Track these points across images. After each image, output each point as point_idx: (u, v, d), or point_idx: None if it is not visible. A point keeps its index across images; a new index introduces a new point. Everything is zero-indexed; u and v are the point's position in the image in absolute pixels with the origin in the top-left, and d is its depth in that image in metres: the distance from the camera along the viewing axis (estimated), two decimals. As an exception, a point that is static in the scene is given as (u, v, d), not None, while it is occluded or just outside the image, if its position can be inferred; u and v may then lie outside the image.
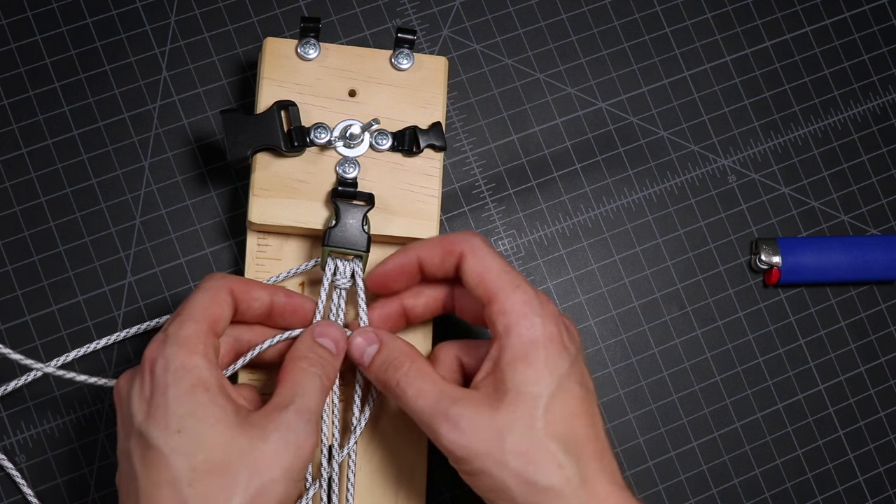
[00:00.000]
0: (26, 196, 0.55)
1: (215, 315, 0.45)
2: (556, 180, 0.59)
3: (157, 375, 0.43)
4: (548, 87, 0.60)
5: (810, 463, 0.58)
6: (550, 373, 0.44)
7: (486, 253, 0.47)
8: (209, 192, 0.57)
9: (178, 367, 0.43)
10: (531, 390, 0.44)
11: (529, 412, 0.43)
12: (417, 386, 0.45)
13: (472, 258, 0.47)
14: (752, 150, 0.61)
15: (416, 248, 0.48)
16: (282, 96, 0.52)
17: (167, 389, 0.42)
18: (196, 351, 0.43)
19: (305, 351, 0.46)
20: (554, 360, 0.44)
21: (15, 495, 0.53)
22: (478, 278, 0.46)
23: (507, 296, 0.45)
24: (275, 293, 0.48)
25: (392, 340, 0.48)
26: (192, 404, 0.42)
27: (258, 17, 0.58)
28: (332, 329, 0.48)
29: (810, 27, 0.62)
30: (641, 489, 0.57)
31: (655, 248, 0.59)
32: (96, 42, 0.57)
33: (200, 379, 0.43)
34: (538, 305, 0.45)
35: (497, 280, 0.46)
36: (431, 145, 0.52)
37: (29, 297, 0.55)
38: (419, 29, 0.59)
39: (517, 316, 0.45)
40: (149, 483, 0.42)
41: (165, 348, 0.43)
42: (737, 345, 0.59)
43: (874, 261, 0.59)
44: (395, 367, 0.46)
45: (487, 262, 0.46)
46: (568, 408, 0.44)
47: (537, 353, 0.44)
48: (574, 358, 0.45)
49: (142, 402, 0.43)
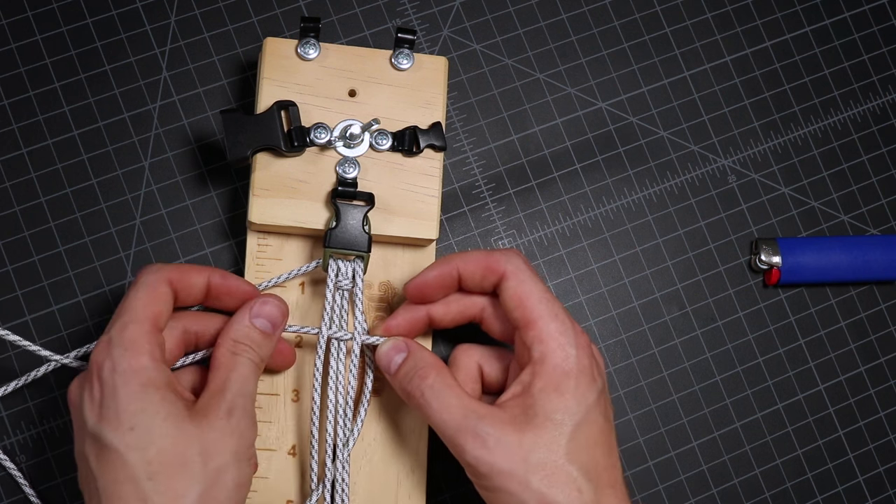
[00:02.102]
0: (26, 196, 0.55)
1: (156, 312, 0.46)
2: (556, 180, 0.59)
3: (105, 379, 0.44)
4: (548, 87, 0.60)
5: (810, 463, 0.58)
6: (578, 403, 0.45)
7: (528, 276, 0.48)
8: (209, 192, 0.57)
9: (125, 369, 0.44)
10: (559, 418, 0.45)
11: (556, 438, 0.45)
12: (442, 399, 0.46)
13: (513, 280, 0.48)
14: (752, 150, 0.61)
15: (457, 261, 0.49)
16: (282, 96, 0.52)
17: (116, 391, 0.43)
18: (142, 352, 0.44)
19: (237, 334, 0.47)
20: (583, 391, 0.46)
21: (15, 495, 0.53)
22: (517, 301, 0.47)
23: (546, 324, 0.46)
24: (211, 275, 0.49)
25: (419, 351, 0.48)
26: (142, 402, 0.43)
27: (258, 17, 0.58)
28: (268, 307, 0.48)
29: (810, 27, 0.62)
30: (641, 489, 0.57)
31: (655, 248, 0.59)
32: (96, 42, 0.57)
33: (150, 379, 0.44)
34: (573, 337, 0.46)
35: (537, 306, 0.47)
36: (431, 145, 0.52)
37: (29, 297, 0.55)
38: (419, 29, 0.59)
39: (554, 345, 0.46)
40: (108, 481, 0.42)
41: (112, 351, 0.44)
42: (737, 345, 0.59)
43: (874, 261, 0.59)
44: (421, 377, 0.47)
45: (529, 285, 0.47)
46: (591, 437, 0.46)
47: (569, 384, 0.46)
48: (601, 390, 0.47)
49: (93, 406, 0.44)
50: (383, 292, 0.53)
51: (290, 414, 0.52)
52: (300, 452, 0.52)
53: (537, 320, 0.46)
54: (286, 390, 0.52)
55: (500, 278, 0.48)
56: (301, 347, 0.52)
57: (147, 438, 0.42)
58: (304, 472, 0.52)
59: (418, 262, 0.54)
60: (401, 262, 0.54)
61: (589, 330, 0.58)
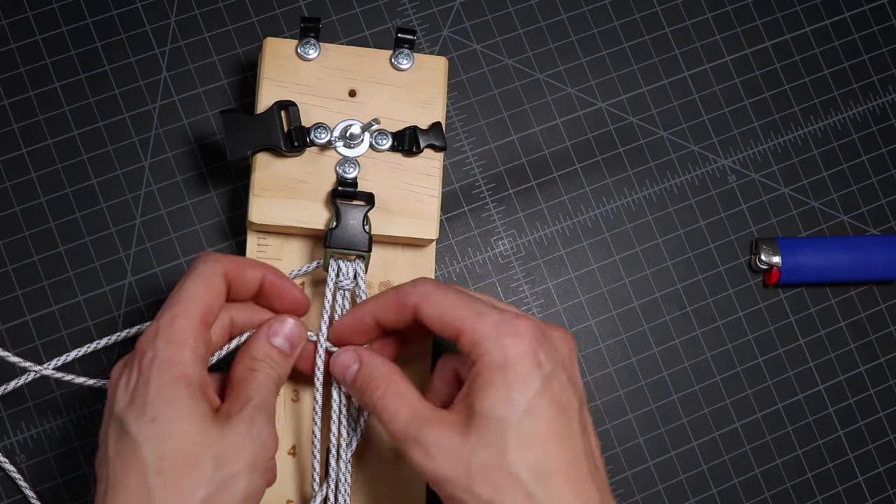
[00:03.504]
0: (26, 196, 0.55)
1: (207, 305, 0.45)
2: (556, 180, 0.59)
3: (144, 367, 0.44)
4: (548, 87, 0.60)
5: (810, 463, 0.59)
6: (519, 394, 0.42)
7: (439, 294, 0.45)
8: (209, 192, 0.57)
9: (164, 360, 0.43)
10: (498, 414, 0.42)
11: (497, 438, 0.42)
12: (392, 408, 0.45)
13: (427, 306, 0.45)
14: (752, 150, 0.61)
15: (370, 306, 0.48)
16: (282, 96, 0.52)
17: (150, 381, 0.43)
18: (185, 347, 0.44)
19: (257, 352, 0.47)
20: (522, 380, 0.42)
21: (15, 495, 0.53)
22: (439, 321, 0.45)
23: (472, 325, 0.44)
24: (266, 272, 0.48)
25: (371, 360, 0.47)
26: (171, 395, 0.43)
27: (258, 17, 0.58)
28: (286, 326, 0.48)
29: (810, 27, 0.62)
30: (641, 489, 0.57)
31: (655, 248, 0.59)
32: (96, 42, 0.57)
33: (184, 374, 0.44)
34: (506, 326, 0.43)
35: (457, 314, 0.44)
36: (431, 145, 0.52)
37: (29, 297, 0.55)
38: (419, 29, 0.59)
39: (486, 343, 0.43)
40: (118, 468, 0.42)
41: (156, 342, 0.44)
42: (737, 345, 0.59)
43: (874, 261, 0.59)
44: (373, 388, 0.46)
45: (442, 301, 0.45)
46: (538, 431, 0.42)
47: (504, 375, 0.42)
48: (548, 375, 0.43)
49: (126, 391, 0.44)
50: (383, 292, 0.53)
51: (290, 414, 0.52)
52: (300, 452, 0.52)
53: (461, 326, 0.44)
54: (286, 390, 0.52)
55: (413, 311, 0.46)
56: (301, 347, 0.52)
57: (166, 432, 0.42)
58: (304, 472, 0.52)
59: (418, 262, 0.54)
60: (401, 262, 0.54)
61: (589, 330, 0.58)
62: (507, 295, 0.58)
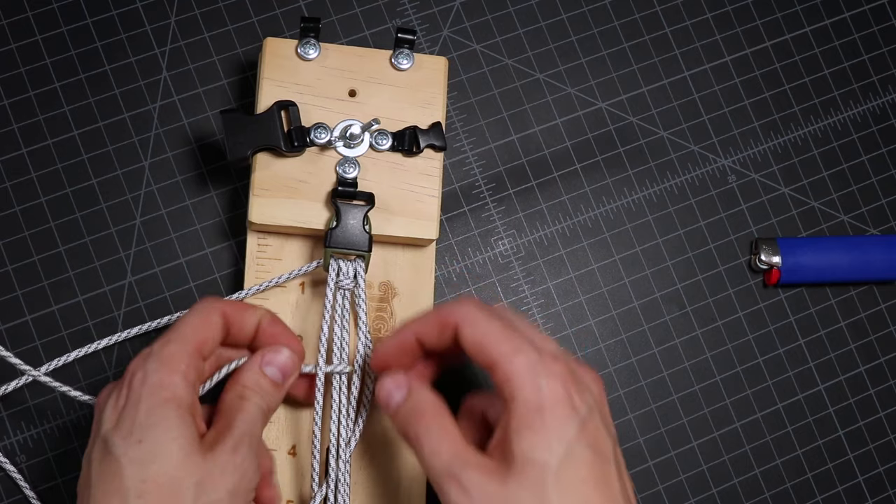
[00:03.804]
0: (26, 196, 0.55)
1: (204, 336, 0.45)
2: (556, 180, 0.59)
3: (134, 388, 0.43)
4: (548, 87, 0.60)
5: (810, 463, 0.59)
6: (558, 439, 0.42)
7: (482, 319, 0.45)
8: (209, 192, 0.57)
9: (155, 382, 0.43)
10: (538, 458, 0.41)
11: (538, 483, 0.41)
12: (435, 443, 0.44)
13: (467, 328, 0.45)
14: (752, 150, 0.61)
15: (413, 326, 0.47)
16: (282, 96, 0.52)
17: (140, 402, 0.43)
18: (177, 370, 0.44)
19: (248, 381, 0.46)
20: (560, 425, 0.42)
21: (15, 495, 0.53)
22: (477, 347, 0.44)
23: (509, 361, 0.43)
24: (263, 317, 0.48)
25: (419, 390, 0.46)
26: (159, 417, 0.43)
27: (258, 17, 0.58)
28: (280, 357, 0.47)
29: (810, 27, 0.62)
30: (641, 489, 0.57)
31: (655, 248, 0.59)
32: (96, 42, 0.57)
33: (174, 396, 0.43)
34: (542, 367, 0.43)
35: (497, 346, 0.44)
36: (431, 145, 0.52)
37: (29, 297, 0.55)
38: (419, 29, 0.59)
39: (520, 381, 0.42)
40: (99, 491, 0.42)
41: (147, 363, 0.44)
42: (737, 345, 0.59)
43: (874, 261, 0.59)
44: (417, 418, 0.45)
45: (483, 328, 0.44)
46: (578, 475, 0.42)
47: (543, 420, 0.42)
48: (584, 418, 0.43)
49: (114, 412, 0.44)
50: (383, 292, 0.53)
51: (290, 414, 0.52)
52: (300, 452, 0.52)
53: (499, 359, 0.43)
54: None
55: (455, 330, 0.45)
56: (301, 347, 0.52)
57: (151, 454, 0.42)
58: (304, 472, 0.52)
59: (418, 262, 0.54)
60: (401, 262, 0.54)
61: (589, 330, 0.58)
62: (507, 295, 0.58)
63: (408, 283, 0.54)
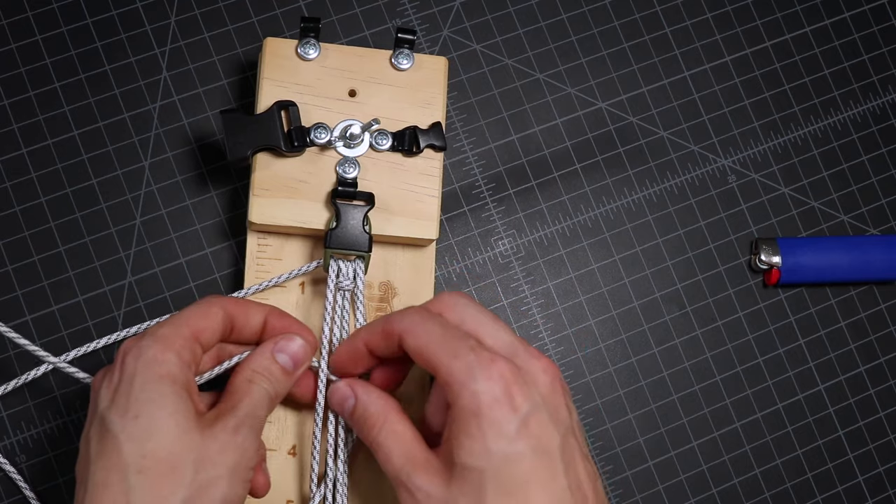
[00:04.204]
0: (26, 196, 0.55)
1: (201, 325, 0.45)
2: (556, 180, 0.59)
3: (128, 364, 0.44)
4: (548, 87, 0.60)
5: (810, 463, 0.59)
6: (495, 443, 0.41)
7: (422, 327, 0.44)
8: (209, 192, 0.57)
9: (149, 358, 0.43)
10: (475, 464, 0.41)
11: (476, 489, 0.41)
12: (387, 448, 0.44)
13: (409, 338, 0.45)
14: (752, 150, 0.61)
15: (362, 334, 0.47)
16: (282, 96, 0.52)
17: (134, 378, 0.43)
18: (171, 347, 0.44)
19: (258, 365, 0.47)
20: (497, 427, 0.41)
21: (15, 495, 0.53)
22: (418, 357, 0.44)
23: (447, 367, 0.43)
24: (270, 313, 0.48)
25: (366, 395, 0.46)
26: (155, 392, 0.43)
27: (258, 17, 0.58)
28: (292, 344, 0.48)
29: (810, 27, 0.62)
30: (641, 489, 0.57)
31: (655, 248, 0.59)
32: (96, 42, 0.57)
33: (169, 372, 0.43)
34: (479, 370, 0.42)
35: (435, 353, 0.43)
36: (431, 145, 0.52)
37: (29, 297, 0.55)
38: (419, 29, 0.59)
39: (458, 386, 0.42)
40: (98, 468, 0.42)
41: (141, 341, 0.44)
42: (737, 345, 0.59)
43: (874, 261, 0.59)
44: (369, 426, 0.45)
45: (423, 336, 0.44)
46: (518, 478, 0.41)
47: (479, 425, 0.41)
48: (525, 416, 0.42)
49: (108, 391, 0.44)
50: (383, 292, 0.53)
51: (290, 414, 0.52)
52: (300, 452, 0.52)
53: (438, 365, 0.43)
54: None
55: (399, 340, 0.45)
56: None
57: (148, 431, 0.42)
58: (304, 472, 0.52)
59: (418, 262, 0.54)
60: (401, 262, 0.54)
61: (589, 330, 0.58)
62: (507, 295, 0.58)
63: (408, 283, 0.54)
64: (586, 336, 0.58)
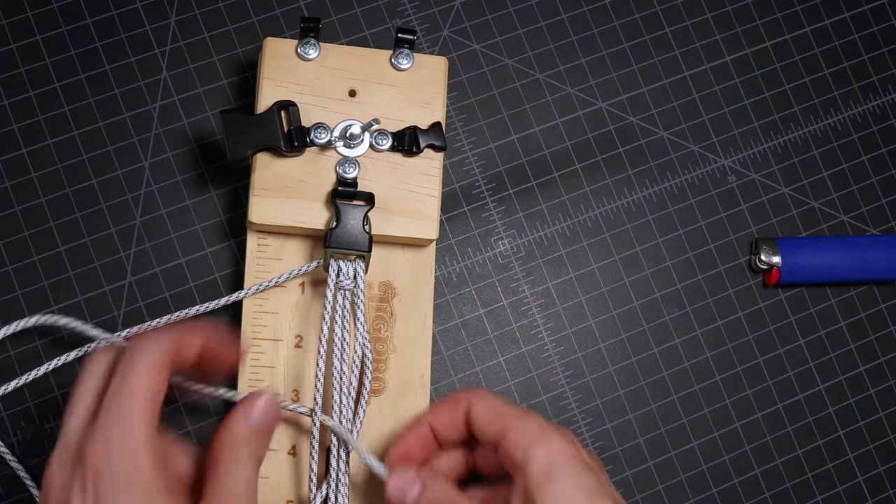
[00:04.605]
0: (26, 196, 0.55)
1: (156, 405, 0.42)
2: (556, 180, 0.59)
3: (104, 485, 0.40)
4: (548, 87, 0.60)
5: (810, 463, 0.59)
6: (581, 489, 0.43)
7: (493, 396, 0.47)
8: (209, 192, 0.57)
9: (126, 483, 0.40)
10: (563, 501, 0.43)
11: None
12: None
13: (479, 403, 0.47)
14: (752, 150, 0.61)
15: (427, 415, 0.49)
16: (282, 96, 0.52)
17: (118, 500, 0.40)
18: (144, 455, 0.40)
19: (238, 434, 0.45)
20: (579, 476, 0.43)
21: (15, 495, 0.53)
22: (487, 417, 0.46)
23: (521, 423, 0.45)
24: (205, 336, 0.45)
25: (433, 482, 0.46)
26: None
27: (258, 17, 0.58)
28: (259, 404, 0.45)
29: (810, 27, 0.62)
30: (641, 489, 0.57)
31: (655, 248, 0.59)
32: (96, 42, 0.57)
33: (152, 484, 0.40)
34: (551, 429, 0.45)
35: (506, 413, 0.46)
36: (431, 145, 0.52)
37: (29, 297, 0.55)
38: (419, 29, 0.59)
39: (534, 440, 0.44)
40: None
41: (112, 461, 0.40)
42: (737, 345, 0.59)
43: (874, 261, 0.59)
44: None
45: (494, 402, 0.47)
46: None
47: (564, 471, 0.43)
48: (599, 476, 0.44)
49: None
50: (383, 292, 0.53)
51: (290, 414, 0.52)
52: (300, 452, 0.52)
53: (511, 423, 0.45)
54: (286, 390, 0.52)
55: (466, 407, 0.47)
56: (301, 347, 0.52)
57: None
58: (304, 472, 0.52)
59: (418, 262, 0.54)
60: (401, 262, 0.54)
61: (589, 330, 0.58)
62: (507, 295, 0.58)
63: (408, 283, 0.54)
64: (586, 336, 0.58)
